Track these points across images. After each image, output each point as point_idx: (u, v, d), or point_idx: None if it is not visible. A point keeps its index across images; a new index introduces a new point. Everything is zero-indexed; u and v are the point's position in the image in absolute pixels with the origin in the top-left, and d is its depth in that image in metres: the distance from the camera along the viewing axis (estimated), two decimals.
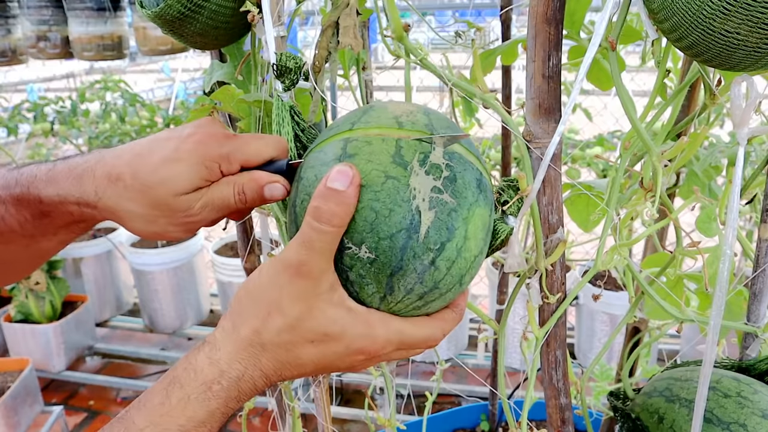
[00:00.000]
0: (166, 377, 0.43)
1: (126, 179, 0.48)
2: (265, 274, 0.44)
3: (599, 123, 2.59)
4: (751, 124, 0.54)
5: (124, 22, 2.22)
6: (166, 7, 0.66)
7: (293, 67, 0.58)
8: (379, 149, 0.45)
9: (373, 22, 0.85)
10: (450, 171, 0.45)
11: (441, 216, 0.44)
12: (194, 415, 0.41)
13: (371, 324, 0.45)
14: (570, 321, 2.45)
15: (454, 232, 0.44)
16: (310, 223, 0.42)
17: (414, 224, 0.43)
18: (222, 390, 0.42)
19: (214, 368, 0.42)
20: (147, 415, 0.41)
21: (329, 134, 0.49)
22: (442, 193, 0.44)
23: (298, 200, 0.48)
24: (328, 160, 0.46)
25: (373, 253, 0.43)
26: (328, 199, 0.42)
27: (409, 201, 0.43)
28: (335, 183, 0.42)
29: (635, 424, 0.70)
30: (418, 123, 0.47)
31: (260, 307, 0.43)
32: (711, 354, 0.58)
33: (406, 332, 0.46)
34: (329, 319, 0.43)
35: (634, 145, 0.58)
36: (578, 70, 0.51)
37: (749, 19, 0.38)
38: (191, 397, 0.41)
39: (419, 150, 0.45)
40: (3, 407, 1.93)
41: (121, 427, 0.41)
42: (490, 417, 1.60)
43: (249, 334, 0.43)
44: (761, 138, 1.49)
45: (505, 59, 0.92)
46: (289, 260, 0.43)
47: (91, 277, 2.82)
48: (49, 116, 3.02)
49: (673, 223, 0.61)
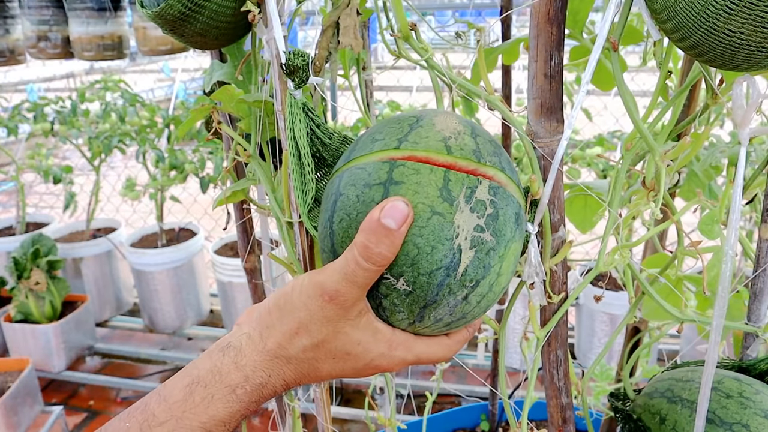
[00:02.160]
0: (187, 375, 0.44)
1: None
2: (298, 293, 0.44)
3: (599, 123, 2.59)
4: (752, 124, 0.53)
5: (124, 22, 2.22)
6: (166, 7, 0.66)
7: (302, 65, 0.57)
8: (427, 180, 0.44)
9: (373, 22, 0.84)
10: (493, 208, 0.45)
11: (480, 255, 0.44)
12: (216, 414, 0.42)
13: (393, 347, 0.46)
14: (570, 321, 2.45)
15: (489, 270, 0.45)
16: (356, 260, 0.42)
17: (454, 263, 0.43)
18: (245, 394, 0.43)
19: (239, 373, 0.43)
20: (168, 410, 0.42)
21: (372, 147, 0.47)
22: (483, 231, 0.44)
23: (336, 217, 0.46)
24: (372, 182, 0.45)
25: (410, 287, 0.44)
26: (380, 239, 0.41)
27: (451, 239, 0.43)
28: (388, 220, 0.41)
29: (637, 425, 0.70)
30: (467, 149, 0.46)
31: (289, 324, 0.44)
32: (713, 354, 0.58)
33: (423, 354, 0.47)
34: (353, 341, 0.45)
35: (636, 146, 0.58)
36: (579, 70, 0.51)
37: (753, 19, 0.38)
38: (215, 397, 0.43)
39: (466, 184, 0.44)
40: (3, 407, 1.93)
41: (141, 417, 0.42)
42: (490, 417, 1.60)
43: (275, 348, 0.44)
44: (761, 138, 1.49)
45: (507, 59, 0.92)
46: (325, 287, 0.43)
47: (91, 277, 2.82)
48: (49, 116, 3.02)
49: (675, 224, 0.61)
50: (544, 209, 0.53)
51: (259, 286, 0.96)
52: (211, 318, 2.95)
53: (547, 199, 0.53)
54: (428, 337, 0.48)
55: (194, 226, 2.95)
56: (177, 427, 0.42)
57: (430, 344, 0.48)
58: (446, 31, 1.19)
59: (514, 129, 0.54)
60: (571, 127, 0.52)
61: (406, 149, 0.45)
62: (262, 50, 0.76)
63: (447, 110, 0.52)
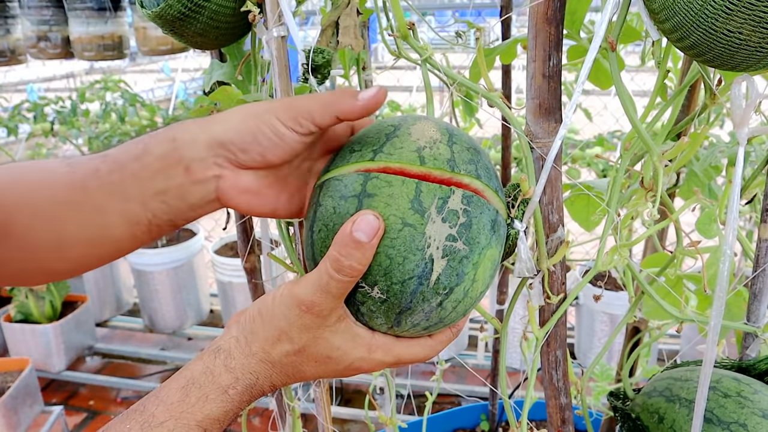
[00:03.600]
0: (182, 377, 0.46)
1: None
2: (278, 304, 0.47)
3: (599, 123, 2.59)
4: (751, 124, 0.54)
5: (124, 22, 2.22)
6: (166, 7, 0.66)
7: (323, 62, 0.59)
8: (399, 192, 0.45)
9: (373, 22, 0.85)
10: (466, 217, 0.46)
11: (452, 264, 0.45)
12: (211, 413, 0.45)
13: (372, 350, 0.48)
14: (570, 321, 2.45)
15: (463, 278, 0.46)
16: (328, 272, 0.44)
17: (426, 272, 0.45)
18: (237, 394, 0.46)
19: (230, 375, 0.46)
20: (167, 411, 0.44)
21: (350, 159, 0.48)
22: (456, 240, 0.45)
23: (315, 227, 0.48)
24: (347, 194, 0.46)
25: (384, 295, 0.46)
26: (350, 252, 0.43)
27: (423, 249, 0.44)
28: (359, 233, 0.43)
29: (635, 424, 0.70)
30: (441, 158, 0.47)
31: (270, 331, 0.47)
32: (711, 354, 0.58)
33: (404, 355, 0.49)
34: (333, 346, 0.47)
35: (634, 146, 0.58)
36: (578, 70, 0.51)
37: (752, 19, 0.38)
38: (209, 397, 0.45)
39: (438, 195, 0.45)
40: (3, 407, 1.93)
41: (140, 419, 0.44)
42: (490, 417, 1.60)
43: (259, 352, 0.47)
44: (761, 138, 1.49)
45: (504, 58, 0.92)
46: (301, 299, 0.45)
47: (91, 277, 2.82)
48: (49, 116, 3.02)
49: (673, 224, 0.61)
50: (534, 207, 0.53)
51: (259, 286, 0.97)
52: (211, 318, 2.95)
53: (538, 197, 0.53)
54: (409, 339, 0.50)
55: (194, 226, 2.95)
56: (176, 426, 0.44)
57: (411, 345, 0.50)
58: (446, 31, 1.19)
59: (513, 129, 0.54)
60: (566, 125, 0.52)
61: (381, 161, 0.47)
62: (261, 50, 0.76)
63: (427, 116, 0.52)
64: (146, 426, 0.43)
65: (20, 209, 0.50)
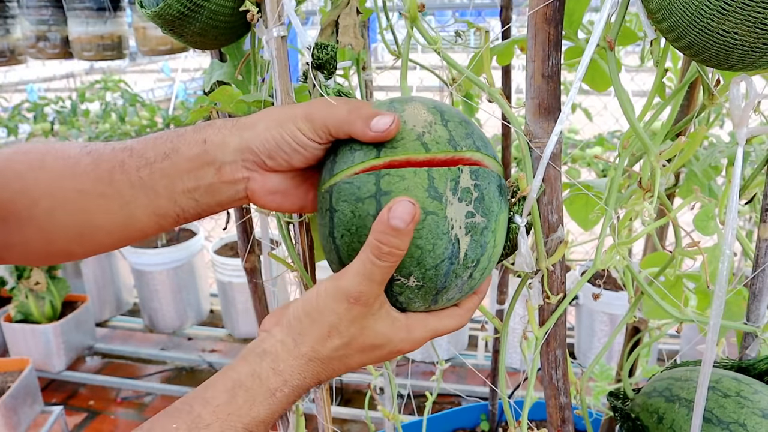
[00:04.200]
0: (228, 379, 0.47)
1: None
2: (325, 300, 0.48)
3: (599, 123, 2.59)
4: (751, 123, 0.54)
5: (124, 22, 2.22)
6: (165, 7, 0.66)
7: (327, 58, 0.60)
8: (414, 184, 0.46)
9: (373, 22, 0.85)
10: (478, 191, 0.48)
11: (475, 237, 0.48)
12: (258, 416, 0.46)
13: (411, 329, 0.51)
14: (570, 321, 2.45)
15: (486, 247, 0.49)
16: (371, 259, 0.46)
17: (455, 252, 0.47)
18: (284, 396, 0.47)
19: (278, 378, 0.47)
20: (214, 412, 0.45)
21: (354, 159, 0.49)
22: (474, 216, 0.47)
23: (336, 233, 0.49)
24: (362, 196, 0.47)
25: (420, 282, 0.48)
26: (390, 239, 0.45)
27: (448, 233, 0.47)
28: (397, 220, 0.44)
29: (635, 423, 0.70)
30: (441, 140, 0.48)
31: (320, 329, 0.48)
32: (710, 354, 0.58)
33: (439, 328, 0.52)
34: (378, 333, 0.49)
35: (632, 145, 0.58)
36: (575, 70, 0.51)
37: (747, 19, 0.38)
38: (257, 400, 0.46)
39: (449, 177, 0.47)
40: (3, 407, 1.93)
41: (187, 419, 0.45)
42: (490, 417, 1.60)
43: (309, 352, 0.48)
44: (761, 138, 1.49)
45: (501, 60, 0.92)
46: (348, 290, 0.47)
47: (91, 277, 2.82)
48: (49, 116, 3.03)
49: (672, 223, 0.61)
50: (532, 203, 0.54)
51: (259, 286, 0.97)
52: (211, 318, 2.95)
53: (535, 194, 0.53)
54: (441, 311, 0.53)
55: (194, 226, 2.95)
56: (222, 428, 0.45)
57: (443, 318, 0.52)
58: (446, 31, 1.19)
59: (513, 129, 0.54)
60: (562, 123, 0.52)
61: (386, 156, 0.48)
62: (261, 50, 0.76)
63: (411, 97, 0.53)
64: (193, 427, 0.44)
65: (43, 195, 0.52)
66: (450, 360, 2.42)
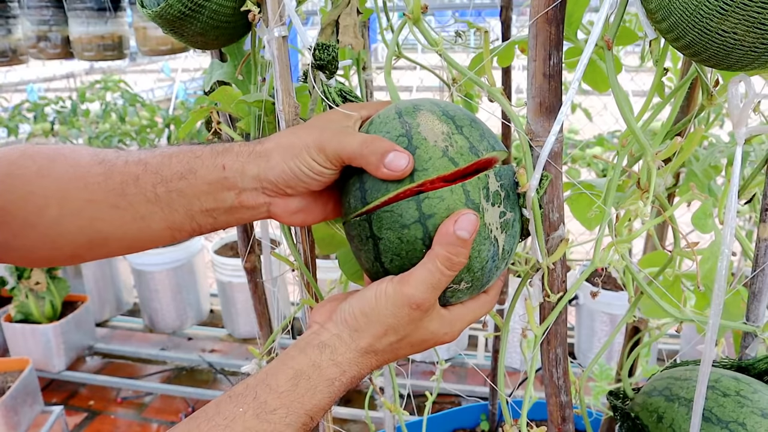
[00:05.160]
0: (289, 368, 0.50)
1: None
2: (385, 304, 0.50)
3: (599, 123, 2.59)
4: (751, 123, 0.54)
5: (124, 22, 2.22)
6: (166, 7, 0.66)
7: (329, 58, 0.61)
8: (453, 202, 0.49)
9: (373, 22, 0.85)
10: (504, 190, 0.52)
11: (508, 231, 0.52)
12: (319, 403, 0.50)
13: (453, 323, 0.54)
14: (570, 321, 2.45)
15: (516, 236, 0.54)
16: (440, 270, 0.49)
17: (495, 250, 0.52)
18: (341, 384, 0.51)
19: (336, 368, 0.50)
20: (278, 398, 0.48)
21: (388, 188, 0.50)
22: (505, 214, 0.51)
23: (384, 258, 0.52)
24: (407, 222, 0.49)
25: (470, 284, 0.52)
26: (459, 249, 0.48)
27: (488, 237, 0.50)
28: (463, 232, 0.48)
29: (634, 423, 0.70)
30: (464, 150, 0.50)
31: (378, 328, 0.51)
32: (709, 353, 0.58)
33: (475, 317, 0.56)
34: (429, 331, 0.53)
35: (630, 144, 0.59)
36: (574, 70, 0.51)
37: (746, 19, 0.38)
38: (318, 388, 0.50)
39: (480, 186, 0.50)
40: (3, 407, 1.93)
41: (254, 404, 0.48)
42: (490, 417, 1.60)
43: (366, 347, 0.51)
44: (760, 137, 1.49)
45: (502, 61, 0.92)
46: (412, 297, 0.49)
47: (91, 277, 2.82)
48: (49, 116, 3.03)
49: (669, 223, 0.61)
50: (532, 198, 0.55)
51: (259, 286, 0.97)
52: (211, 318, 2.95)
53: (533, 192, 0.54)
54: (474, 300, 0.56)
55: None
56: (288, 413, 0.48)
57: (476, 308, 0.56)
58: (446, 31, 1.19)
59: (514, 128, 0.54)
60: (560, 121, 0.52)
61: (420, 179, 0.50)
62: (262, 50, 0.76)
63: (416, 105, 0.54)
64: (260, 412, 0.47)
65: (51, 203, 0.53)
66: (450, 360, 2.42)
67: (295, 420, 0.48)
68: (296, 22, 0.62)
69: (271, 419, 0.47)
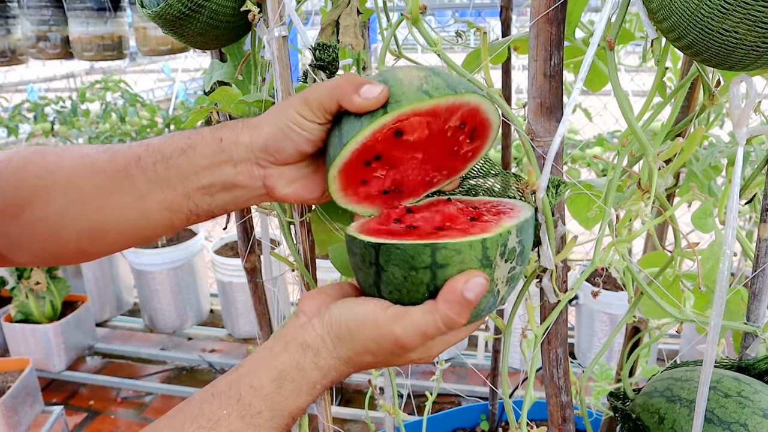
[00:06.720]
0: (273, 369, 0.50)
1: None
2: (371, 330, 0.51)
3: (599, 123, 2.59)
4: (751, 123, 0.54)
5: (124, 22, 2.22)
6: (166, 7, 0.66)
7: (329, 59, 0.61)
8: (469, 257, 0.47)
9: (373, 22, 0.85)
10: (521, 246, 0.50)
11: (512, 283, 0.52)
12: (302, 405, 0.51)
13: (431, 348, 0.54)
14: (570, 321, 2.45)
15: (516, 284, 0.53)
16: (437, 325, 0.49)
17: (495, 301, 0.51)
18: (322, 387, 0.52)
19: (318, 372, 0.51)
20: (263, 400, 0.49)
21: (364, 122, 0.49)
22: (515, 269, 0.50)
23: (384, 288, 0.51)
24: (417, 265, 0.48)
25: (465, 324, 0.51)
26: (462, 311, 0.48)
27: (493, 291, 0.49)
28: (471, 293, 0.47)
29: (636, 424, 0.70)
30: (441, 86, 0.49)
31: (359, 346, 0.51)
32: (711, 354, 0.58)
33: (452, 342, 0.54)
34: (407, 359, 0.53)
35: (631, 144, 0.59)
36: (571, 70, 0.51)
37: (747, 18, 0.38)
38: (302, 390, 0.50)
39: (500, 242, 0.48)
40: (3, 407, 1.93)
41: (237, 407, 0.48)
42: (490, 417, 1.60)
43: (345, 357, 0.52)
44: (761, 138, 1.49)
45: (495, 59, 0.92)
46: (400, 339, 0.49)
47: (91, 277, 2.82)
48: (50, 116, 3.03)
49: (670, 223, 0.61)
50: (542, 197, 0.55)
51: (259, 286, 0.97)
52: (211, 318, 2.95)
53: (542, 193, 0.54)
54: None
55: (194, 226, 2.95)
56: (273, 416, 0.49)
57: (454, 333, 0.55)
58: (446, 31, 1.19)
59: (514, 128, 0.54)
60: (565, 123, 0.52)
61: (393, 111, 0.49)
62: (261, 50, 0.76)
63: (398, 66, 0.54)
64: (245, 414, 0.48)
65: (58, 194, 0.54)
66: (450, 360, 2.42)
67: (279, 422, 0.49)
68: (296, 22, 0.62)
69: (257, 422, 0.48)
